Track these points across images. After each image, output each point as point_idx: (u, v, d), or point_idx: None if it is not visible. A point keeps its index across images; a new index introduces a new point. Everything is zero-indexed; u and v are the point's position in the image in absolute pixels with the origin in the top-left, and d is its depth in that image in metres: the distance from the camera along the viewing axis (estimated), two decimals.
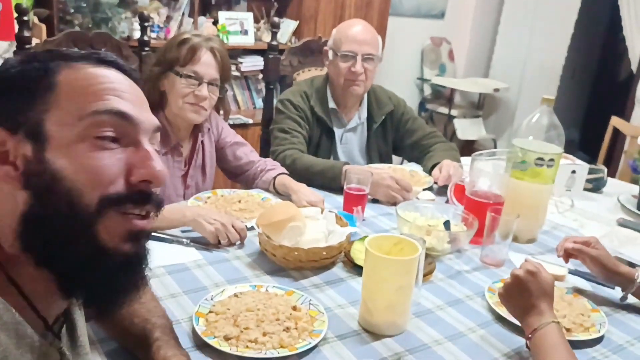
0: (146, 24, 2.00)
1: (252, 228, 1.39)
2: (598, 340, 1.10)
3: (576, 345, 1.05)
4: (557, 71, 4.30)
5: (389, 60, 3.81)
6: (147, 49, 1.99)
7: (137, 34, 2.88)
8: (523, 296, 1.02)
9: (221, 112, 1.83)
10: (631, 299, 1.23)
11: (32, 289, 0.60)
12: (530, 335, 0.98)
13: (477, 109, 4.67)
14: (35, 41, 1.96)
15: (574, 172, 1.91)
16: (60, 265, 0.59)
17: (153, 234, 1.32)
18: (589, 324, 1.12)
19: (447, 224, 1.43)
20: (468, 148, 4.29)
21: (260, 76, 3.64)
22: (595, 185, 1.99)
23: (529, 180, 1.49)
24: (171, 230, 1.38)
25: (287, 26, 3.55)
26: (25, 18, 1.76)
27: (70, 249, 0.59)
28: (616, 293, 1.27)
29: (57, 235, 0.58)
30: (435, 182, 1.86)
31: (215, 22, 3.39)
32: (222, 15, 3.42)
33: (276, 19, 2.23)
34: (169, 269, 1.22)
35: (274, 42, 2.21)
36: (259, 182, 1.75)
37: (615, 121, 2.88)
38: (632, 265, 1.32)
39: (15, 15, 1.81)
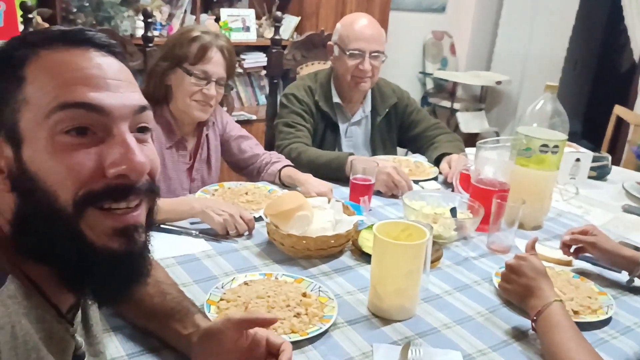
0: (149, 19, 2.01)
1: (260, 218, 1.40)
2: (606, 322, 1.10)
3: (584, 327, 1.06)
4: (559, 63, 4.30)
5: (390, 55, 3.78)
6: (151, 45, 2.00)
7: (139, 32, 2.90)
8: (521, 280, 1.06)
9: (224, 107, 1.85)
10: (637, 282, 1.24)
11: (41, 281, 0.60)
12: (535, 317, 0.99)
13: (479, 102, 4.67)
14: None
15: (578, 160, 1.92)
16: (55, 263, 0.59)
17: (162, 225, 1.34)
18: (597, 306, 1.13)
19: (453, 211, 1.44)
20: (471, 141, 4.28)
21: (263, 72, 3.65)
22: (599, 173, 2.00)
23: (534, 167, 1.50)
24: (180, 222, 1.39)
25: (289, 22, 3.56)
26: (30, 16, 1.78)
27: (59, 249, 0.58)
28: (623, 277, 1.28)
29: (44, 236, 0.58)
30: (440, 173, 1.87)
31: (217, 19, 3.41)
32: (224, 12, 3.43)
33: (279, 14, 2.24)
34: (179, 259, 1.23)
35: (277, 37, 2.22)
36: (265, 175, 1.76)
37: (618, 110, 2.89)
38: (638, 249, 1.32)
39: (20, 13, 1.82)
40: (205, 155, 1.78)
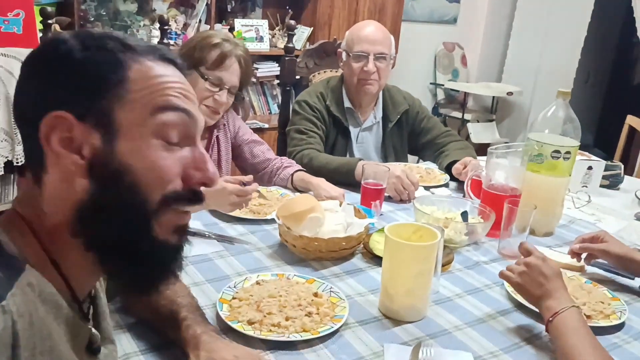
0: (165, 27, 2.05)
1: (272, 220, 1.41)
2: (619, 327, 1.10)
3: (597, 331, 1.04)
4: (571, 75, 4.28)
5: (402, 66, 3.84)
6: None
7: (155, 41, 2.94)
8: (539, 281, 1.04)
9: (240, 114, 1.87)
10: None
11: (71, 271, 0.62)
12: (551, 319, 0.98)
13: (490, 113, 4.68)
14: None
15: (590, 168, 1.91)
16: (110, 252, 0.61)
17: None
18: (609, 311, 1.13)
19: (464, 215, 1.44)
20: (482, 151, 4.28)
21: (276, 82, 3.69)
22: (611, 182, 1.99)
23: (546, 173, 1.50)
24: (193, 224, 1.40)
25: (302, 32, 3.60)
26: (50, 22, 1.81)
27: (123, 240, 0.61)
28: (635, 283, 1.27)
29: (114, 225, 0.60)
30: (454, 179, 1.86)
31: (231, 29, 3.45)
32: (238, 22, 3.48)
33: (292, 22, 2.27)
34: (192, 259, 1.24)
35: (290, 45, 2.25)
36: (277, 180, 1.77)
37: (631, 120, 2.87)
38: None
39: (40, 19, 1.86)
40: (215, 157, 1.80)
